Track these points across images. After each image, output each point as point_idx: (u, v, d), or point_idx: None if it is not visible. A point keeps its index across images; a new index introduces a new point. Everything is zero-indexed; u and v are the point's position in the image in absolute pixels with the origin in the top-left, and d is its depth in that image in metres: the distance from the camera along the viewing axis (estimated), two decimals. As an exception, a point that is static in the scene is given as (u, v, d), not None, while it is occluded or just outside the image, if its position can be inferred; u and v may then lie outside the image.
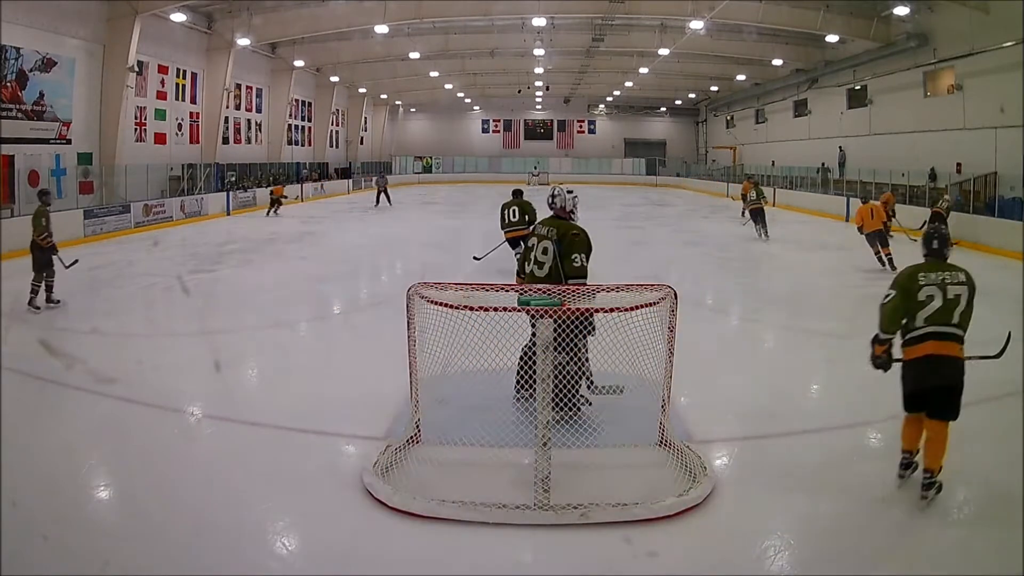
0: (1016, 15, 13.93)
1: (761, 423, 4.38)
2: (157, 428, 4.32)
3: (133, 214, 15.02)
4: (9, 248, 9.59)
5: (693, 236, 14.91)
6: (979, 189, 15.25)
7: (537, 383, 3.25)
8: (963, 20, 16.11)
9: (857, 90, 22.34)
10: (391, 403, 4.49)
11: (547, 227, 4.31)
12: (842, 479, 3.68)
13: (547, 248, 4.17)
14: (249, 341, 6.57)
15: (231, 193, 19.85)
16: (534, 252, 4.26)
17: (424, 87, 33.25)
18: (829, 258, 11.66)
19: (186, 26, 19.23)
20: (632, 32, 22.71)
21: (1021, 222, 12.02)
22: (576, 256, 4.12)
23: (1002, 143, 15.05)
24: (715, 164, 35.39)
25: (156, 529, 3.12)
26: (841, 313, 7.62)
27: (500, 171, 38.49)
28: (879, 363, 3.54)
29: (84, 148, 16.00)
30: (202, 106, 21.29)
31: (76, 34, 15.33)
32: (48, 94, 14.87)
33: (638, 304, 3.72)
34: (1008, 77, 14.71)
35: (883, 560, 2.92)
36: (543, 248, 4.20)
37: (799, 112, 26.83)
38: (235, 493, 3.46)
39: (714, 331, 6.84)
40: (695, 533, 3.11)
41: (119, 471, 3.80)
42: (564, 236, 4.16)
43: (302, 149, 29.15)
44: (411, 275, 8.01)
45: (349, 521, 3.21)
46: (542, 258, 4.18)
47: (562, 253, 4.11)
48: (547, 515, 3.16)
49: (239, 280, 9.60)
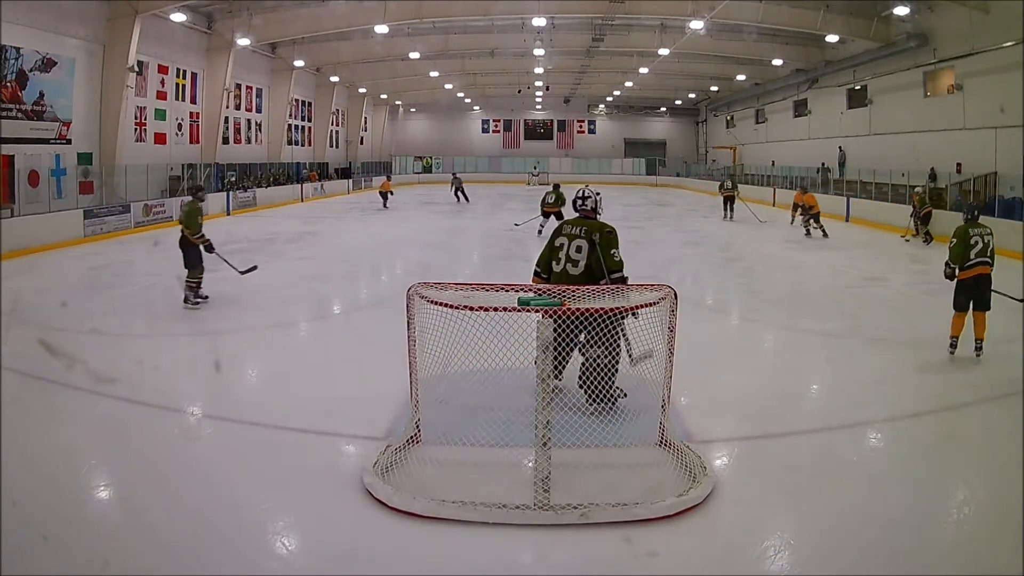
0: (1016, 15, 13.94)
1: (761, 423, 4.38)
2: (157, 428, 4.31)
3: (133, 214, 15.01)
4: (9, 248, 9.58)
5: (693, 236, 14.90)
6: (979, 189, 15.24)
7: (537, 383, 3.25)
8: (963, 20, 16.11)
9: (857, 90, 22.34)
10: (391, 403, 4.49)
11: (577, 226, 4.42)
12: (842, 479, 3.68)
13: (581, 246, 4.29)
14: (249, 341, 6.57)
15: (231, 193, 19.85)
16: (566, 251, 4.35)
17: (424, 87, 33.26)
18: (829, 258, 11.65)
19: (186, 26, 19.23)
20: (632, 32, 22.70)
21: (1021, 222, 12.02)
22: (615, 251, 4.32)
23: (1002, 143, 15.05)
24: (715, 164, 35.40)
25: (156, 529, 3.12)
26: (841, 313, 7.61)
27: (500, 171, 38.51)
28: (948, 276, 5.93)
29: (84, 148, 16.00)
30: (202, 106, 21.29)
31: (76, 34, 15.33)
32: (48, 94, 14.87)
33: (638, 304, 3.73)
34: (1008, 77, 14.71)
35: (883, 560, 2.92)
36: (576, 246, 4.31)
37: (799, 112, 26.83)
38: (235, 493, 3.45)
39: (714, 331, 6.84)
40: (695, 533, 3.11)
41: (119, 471, 3.80)
42: (600, 233, 4.33)
43: (302, 149, 29.16)
44: (411, 275, 8.02)
45: (349, 521, 3.21)
46: (576, 256, 4.29)
47: (600, 247, 4.27)
48: (547, 515, 3.15)
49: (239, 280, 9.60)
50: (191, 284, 7.50)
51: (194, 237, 7.49)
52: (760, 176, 27.59)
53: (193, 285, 7.52)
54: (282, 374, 5.57)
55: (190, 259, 7.50)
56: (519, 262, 11.76)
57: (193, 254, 7.48)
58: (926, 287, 8.90)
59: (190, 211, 7.58)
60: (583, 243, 4.34)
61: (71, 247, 12.32)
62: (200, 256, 7.53)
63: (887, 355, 6.10)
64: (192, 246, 7.48)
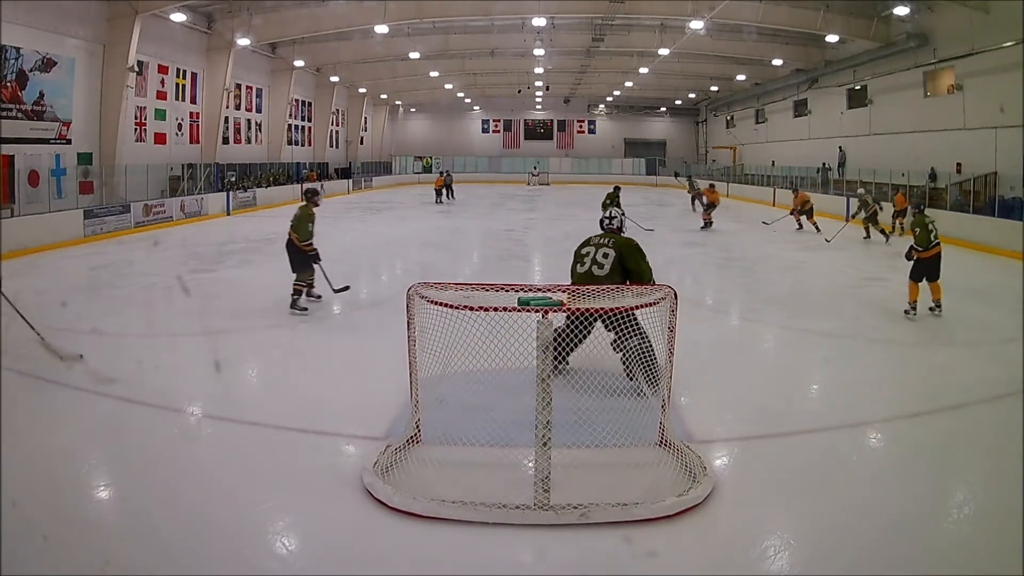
0: (1016, 15, 13.93)
1: (761, 423, 4.38)
2: (157, 428, 4.32)
3: (133, 214, 15.02)
4: (9, 248, 9.59)
5: (693, 236, 14.90)
6: (979, 189, 15.24)
7: (537, 383, 3.25)
8: (963, 20, 16.11)
9: (857, 90, 22.34)
10: (391, 403, 4.49)
11: (605, 238, 5.16)
12: (842, 479, 3.68)
13: (607, 253, 4.98)
14: (249, 341, 6.56)
15: (231, 193, 19.85)
16: (592, 256, 5.01)
17: (424, 87, 33.26)
18: (829, 258, 11.66)
19: (186, 26, 19.23)
20: (632, 32, 22.70)
21: (1021, 222, 12.02)
22: (643, 261, 5.02)
23: (1002, 143, 15.05)
24: (715, 164, 35.39)
25: (156, 529, 3.12)
26: (841, 313, 7.61)
27: (500, 171, 38.52)
28: (911, 256, 7.20)
29: (84, 148, 16.01)
30: (202, 106, 21.29)
31: (76, 34, 15.34)
32: (48, 94, 14.87)
33: (638, 304, 3.73)
34: (1008, 77, 14.71)
35: (883, 560, 2.92)
36: (603, 253, 5.00)
37: (799, 112, 26.83)
38: (235, 493, 3.45)
39: (714, 331, 6.83)
40: (695, 533, 3.11)
41: (119, 471, 3.80)
42: (625, 246, 5.04)
43: (302, 149, 29.16)
44: (411, 275, 8.02)
45: (349, 521, 3.21)
46: (602, 260, 4.97)
47: (626, 257, 4.97)
48: (547, 515, 3.16)
49: (239, 280, 9.60)
50: (299, 288, 7.25)
51: (303, 244, 7.20)
52: (760, 176, 27.58)
53: (301, 288, 7.26)
54: (282, 374, 5.58)
55: (297, 263, 7.25)
56: (519, 262, 11.78)
57: (300, 258, 7.24)
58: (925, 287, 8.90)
59: (301, 216, 7.26)
60: (610, 252, 4.99)
61: (71, 247, 12.33)
62: (307, 260, 7.25)
63: (887, 355, 6.10)
64: (299, 251, 7.22)
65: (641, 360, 4.18)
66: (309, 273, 7.35)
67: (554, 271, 6.25)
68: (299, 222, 7.27)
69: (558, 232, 15.08)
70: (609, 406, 4.15)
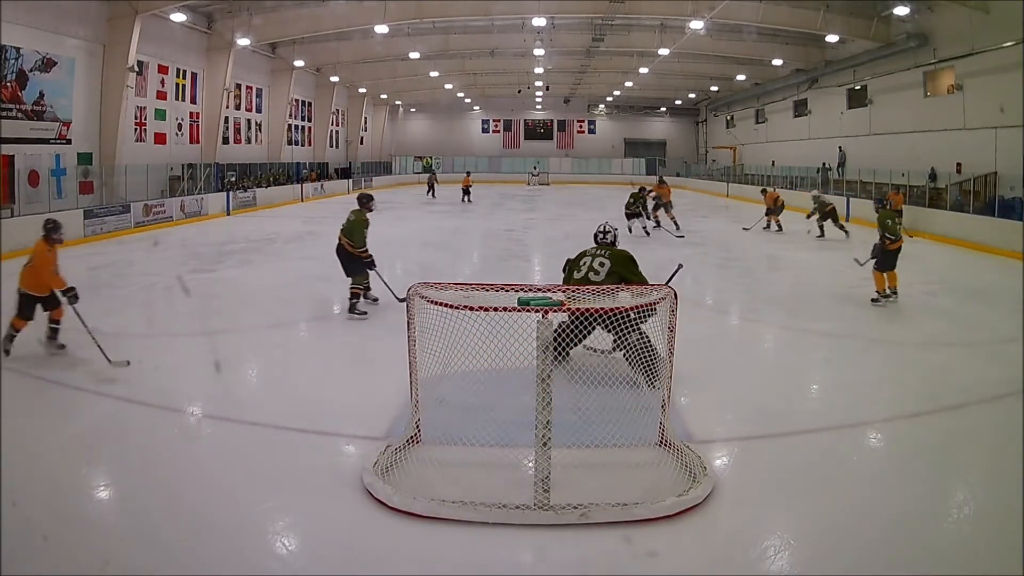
0: (1016, 15, 13.93)
1: (761, 423, 4.38)
2: (157, 428, 4.32)
3: (133, 214, 15.01)
4: (9, 248, 9.58)
5: (693, 236, 14.89)
6: (979, 189, 15.25)
7: (537, 383, 3.25)
8: (963, 20, 16.11)
9: (857, 90, 22.33)
10: (391, 403, 4.49)
11: (601, 249, 5.54)
12: (842, 479, 3.68)
13: (603, 262, 5.34)
14: (249, 341, 6.56)
15: (231, 193, 19.85)
16: (589, 264, 5.34)
17: (424, 87, 33.25)
18: (829, 258, 11.65)
19: (186, 26, 19.23)
20: (632, 32, 22.70)
21: (1021, 222, 12.02)
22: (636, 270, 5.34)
23: (1002, 143, 15.04)
24: (715, 164, 35.38)
25: (156, 529, 3.12)
26: (841, 313, 7.61)
27: (500, 171, 38.49)
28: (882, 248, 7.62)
29: (84, 148, 16.00)
30: (202, 106, 21.28)
31: (76, 34, 15.33)
32: (48, 94, 14.87)
33: (638, 304, 3.73)
34: (1008, 77, 14.71)
35: (882, 560, 2.92)
36: (600, 261, 5.35)
37: (799, 112, 26.82)
38: (235, 493, 3.45)
39: (714, 331, 6.84)
40: (695, 533, 3.11)
41: (119, 471, 3.80)
42: (619, 257, 5.38)
43: (302, 149, 29.15)
44: (411, 275, 8.01)
45: (349, 521, 3.21)
46: (599, 268, 5.31)
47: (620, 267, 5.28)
48: (547, 515, 3.16)
49: (239, 280, 9.60)
50: (356, 292, 7.09)
51: (357, 251, 7.06)
52: (760, 176, 27.56)
53: (359, 292, 7.10)
54: (282, 374, 5.58)
55: (351, 268, 7.10)
56: (519, 262, 11.79)
57: (354, 263, 7.09)
58: (925, 287, 8.92)
59: (356, 221, 7.11)
60: (605, 261, 5.32)
61: (71, 247, 12.25)
62: (362, 265, 7.11)
63: (887, 355, 6.10)
64: (353, 257, 7.09)
65: (640, 356, 4.20)
66: (364, 276, 7.18)
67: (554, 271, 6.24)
68: (352, 228, 7.10)
69: (558, 232, 15.09)
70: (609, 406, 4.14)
